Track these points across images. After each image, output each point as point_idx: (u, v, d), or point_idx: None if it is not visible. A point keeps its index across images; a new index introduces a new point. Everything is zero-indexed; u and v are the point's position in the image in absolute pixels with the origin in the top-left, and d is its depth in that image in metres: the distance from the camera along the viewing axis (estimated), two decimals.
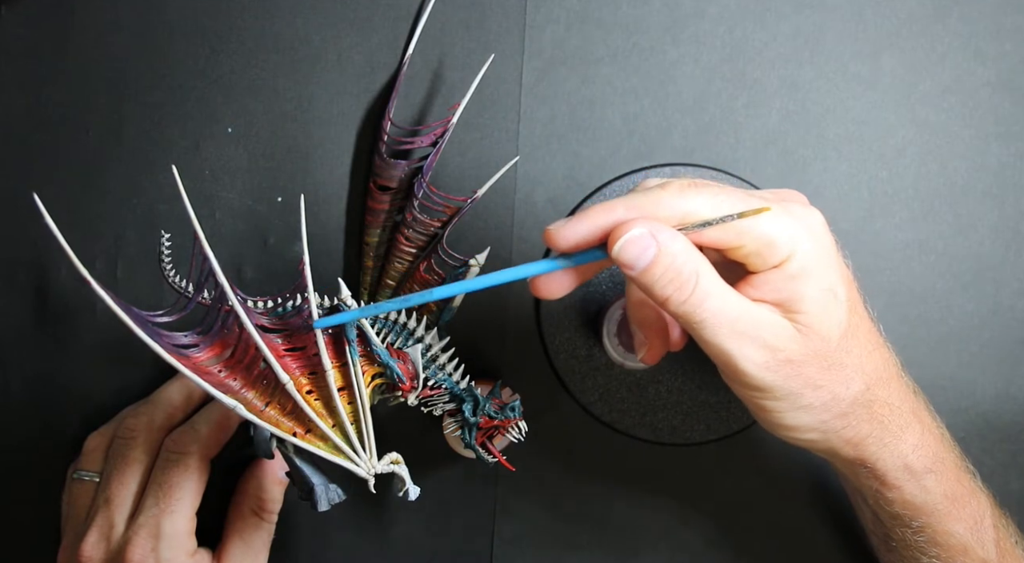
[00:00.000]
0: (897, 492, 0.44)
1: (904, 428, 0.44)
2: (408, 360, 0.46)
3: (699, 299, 0.39)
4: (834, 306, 0.41)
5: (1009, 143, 0.54)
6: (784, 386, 0.41)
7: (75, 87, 0.53)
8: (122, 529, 0.48)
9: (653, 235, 0.39)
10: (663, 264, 0.39)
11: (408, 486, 0.44)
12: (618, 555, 0.55)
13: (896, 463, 0.44)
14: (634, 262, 0.39)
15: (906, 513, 0.45)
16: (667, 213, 0.39)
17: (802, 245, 0.40)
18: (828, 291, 0.41)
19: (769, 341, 0.40)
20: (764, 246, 0.40)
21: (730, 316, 0.39)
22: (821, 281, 0.41)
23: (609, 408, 0.54)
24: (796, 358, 0.40)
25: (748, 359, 0.40)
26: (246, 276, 0.53)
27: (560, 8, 0.54)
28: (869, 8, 0.54)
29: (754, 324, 0.40)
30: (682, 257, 0.39)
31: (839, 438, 0.43)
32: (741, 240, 0.40)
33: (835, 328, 0.41)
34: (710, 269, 0.40)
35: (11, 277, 0.53)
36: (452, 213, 0.50)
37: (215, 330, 0.43)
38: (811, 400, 0.41)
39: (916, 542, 0.45)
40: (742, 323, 0.40)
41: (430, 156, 0.50)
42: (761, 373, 0.40)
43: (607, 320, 0.51)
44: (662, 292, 0.39)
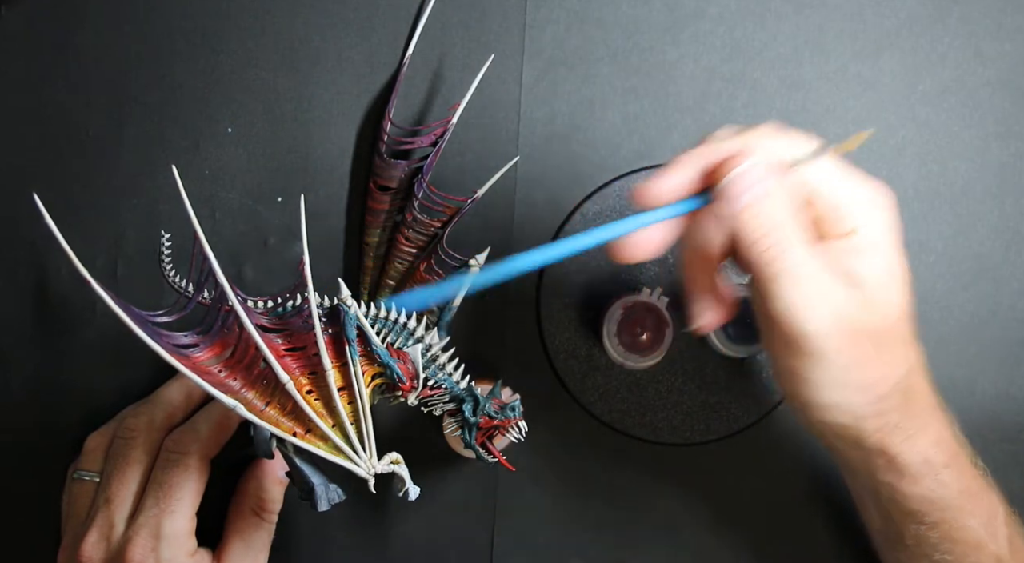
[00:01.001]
0: (915, 486, 0.44)
1: (928, 422, 0.44)
2: (408, 360, 0.46)
3: (782, 249, 0.39)
4: (896, 286, 0.41)
5: (1009, 143, 0.54)
6: (838, 356, 0.40)
7: (75, 87, 0.53)
8: (122, 529, 0.48)
9: (761, 173, 0.39)
10: (763, 205, 0.39)
11: (408, 486, 0.44)
12: (618, 555, 0.55)
13: (917, 457, 0.43)
14: (738, 198, 0.39)
15: (922, 509, 0.44)
16: (763, 150, 0.39)
17: (874, 219, 0.40)
18: (891, 272, 0.41)
19: (836, 307, 0.40)
20: (837, 212, 0.40)
21: (805, 273, 0.39)
22: (886, 259, 0.41)
23: (609, 408, 0.54)
24: (857, 329, 0.40)
25: (812, 321, 0.39)
26: (246, 276, 0.53)
27: (560, 8, 0.54)
28: (869, 8, 0.54)
29: (828, 285, 0.40)
30: (779, 202, 0.39)
31: (869, 425, 0.42)
32: (815, 199, 0.40)
33: (894, 308, 0.41)
34: (799, 222, 0.40)
35: (11, 277, 0.53)
36: (452, 213, 0.50)
37: (215, 330, 0.43)
38: (857, 378, 0.41)
39: (930, 539, 0.45)
40: (815, 283, 0.39)
41: (430, 156, 0.50)
42: (821, 338, 0.40)
43: (607, 320, 0.51)
44: (753, 233, 0.39)
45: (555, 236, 0.54)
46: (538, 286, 0.54)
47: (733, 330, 0.51)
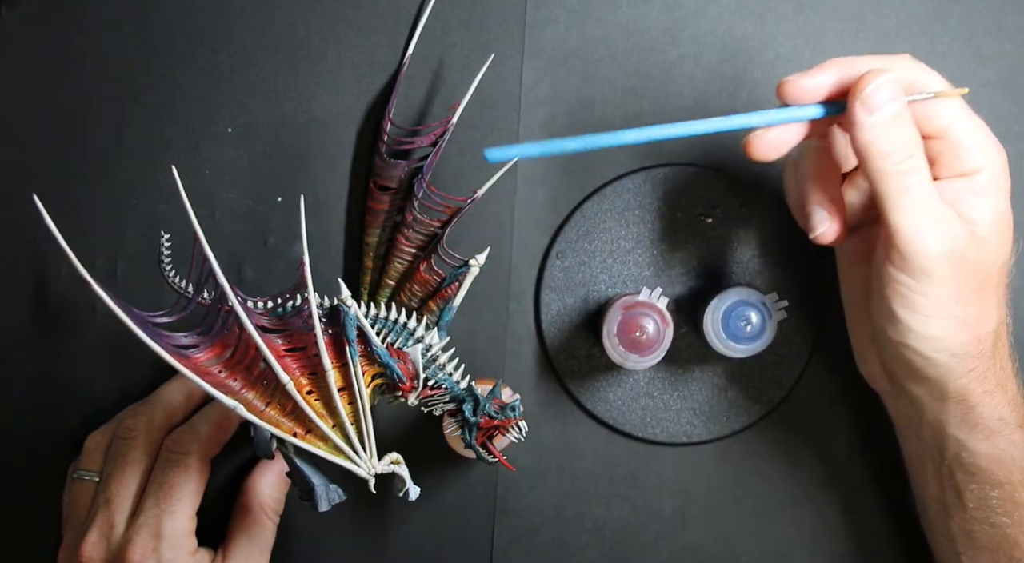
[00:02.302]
0: (986, 443, 0.44)
1: (1007, 380, 0.45)
2: (408, 360, 0.46)
3: (913, 165, 0.41)
4: (1006, 231, 0.43)
5: (1009, 143, 0.54)
6: (947, 283, 0.41)
7: (75, 87, 0.53)
8: (122, 529, 0.48)
9: (900, 90, 0.41)
10: (899, 121, 0.41)
11: (408, 486, 0.44)
12: (618, 555, 0.55)
13: (994, 413, 0.44)
14: (879, 106, 0.40)
15: (989, 467, 0.45)
16: (903, 77, 0.41)
17: (993, 162, 0.42)
18: (1003, 215, 0.43)
19: (952, 235, 0.41)
20: (961, 150, 0.42)
21: (929, 195, 0.41)
22: (999, 203, 0.43)
23: (609, 408, 0.54)
24: (967, 262, 0.41)
25: (931, 240, 0.41)
26: (246, 276, 0.53)
27: (560, 8, 0.54)
28: (869, 8, 0.54)
29: (944, 215, 0.41)
30: (912, 125, 0.41)
31: (959, 367, 0.43)
32: (945, 131, 0.42)
33: (1000, 254, 0.43)
34: (924, 149, 0.42)
35: (11, 277, 0.53)
36: (452, 213, 0.50)
37: (215, 330, 0.43)
38: (961, 312, 0.42)
39: (991, 500, 0.45)
40: (936, 207, 0.41)
41: (430, 156, 0.50)
42: (935, 259, 0.41)
43: (607, 320, 0.51)
44: (887, 146, 0.41)
45: (553, 238, 0.54)
46: (538, 286, 0.54)
47: (733, 330, 0.51)
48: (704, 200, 0.54)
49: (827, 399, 0.55)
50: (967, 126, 0.43)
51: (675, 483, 0.55)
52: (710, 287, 0.53)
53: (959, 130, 0.42)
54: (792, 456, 0.55)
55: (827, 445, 0.55)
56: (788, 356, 0.54)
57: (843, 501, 0.55)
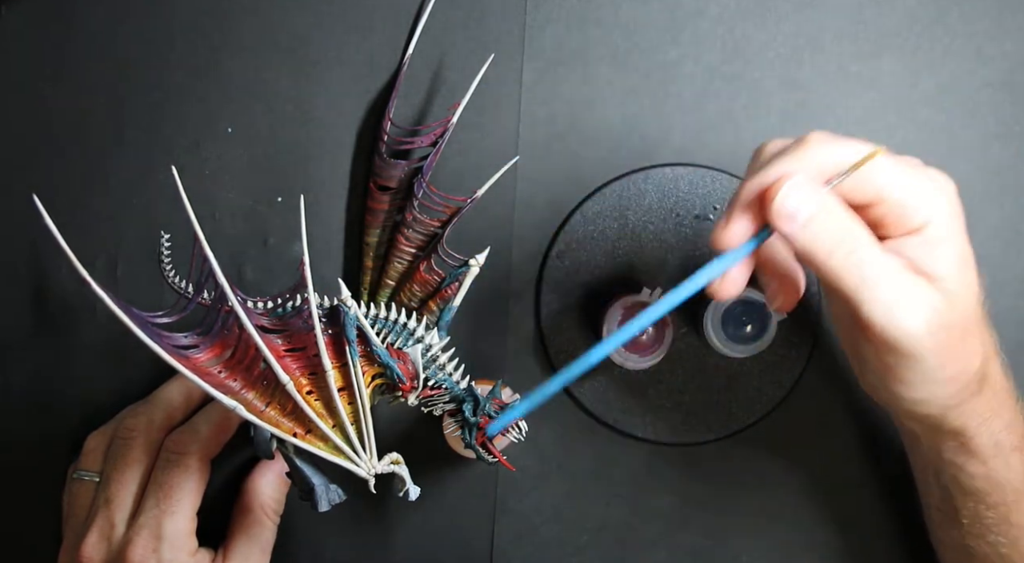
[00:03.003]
0: (983, 467, 0.44)
1: (1002, 405, 0.44)
2: (408, 360, 0.46)
3: (860, 256, 0.38)
4: (971, 274, 0.41)
5: (1009, 143, 0.54)
6: (932, 354, 0.40)
7: (75, 87, 0.53)
8: (123, 529, 0.48)
9: (808, 190, 0.38)
10: (823, 220, 0.38)
11: (408, 486, 0.44)
12: (618, 555, 0.55)
13: (990, 439, 0.44)
14: (796, 213, 0.38)
15: (985, 488, 0.45)
16: (814, 163, 0.39)
17: (941, 210, 0.40)
18: (964, 260, 0.40)
19: (926, 307, 0.39)
20: (903, 207, 0.39)
21: (889, 275, 0.39)
22: (958, 249, 0.40)
23: (609, 408, 0.54)
24: (946, 324, 0.39)
25: (907, 321, 0.39)
26: (246, 276, 0.53)
27: (560, 8, 0.54)
28: (869, 8, 0.54)
29: (915, 284, 0.39)
30: (841, 212, 0.39)
31: (953, 412, 0.43)
32: (880, 196, 0.39)
33: (973, 296, 0.41)
34: (867, 229, 0.39)
35: (11, 277, 0.53)
36: (452, 213, 0.50)
37: (215, 331, 0.43)
38: (949, 372, 0.41)
39: (987, 519, 0.45)
40: (903, 282, 0.39)
41: (430, 156, 0.50)
42: (917, 337, 0.39)
43: (607, 320, 0.51)
44: (823, 246, 0.38)
45: (553, 238, 0.54)
46: (538, 286, 0.54)
47: (733, 330, 0.51)
48: (704, 200, 0.54)
49: (827, 399, 0.55)
50: (901, 184, 0.40)
51: (675, 483, 0.55)
52: None
53: (894, 191, 0.39)
54: (792, 456, 0.55)
55: (827, 445, 0.55)
56: (788, 356, 0.54)
57: (843, 501, 0.55)
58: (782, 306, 0.45)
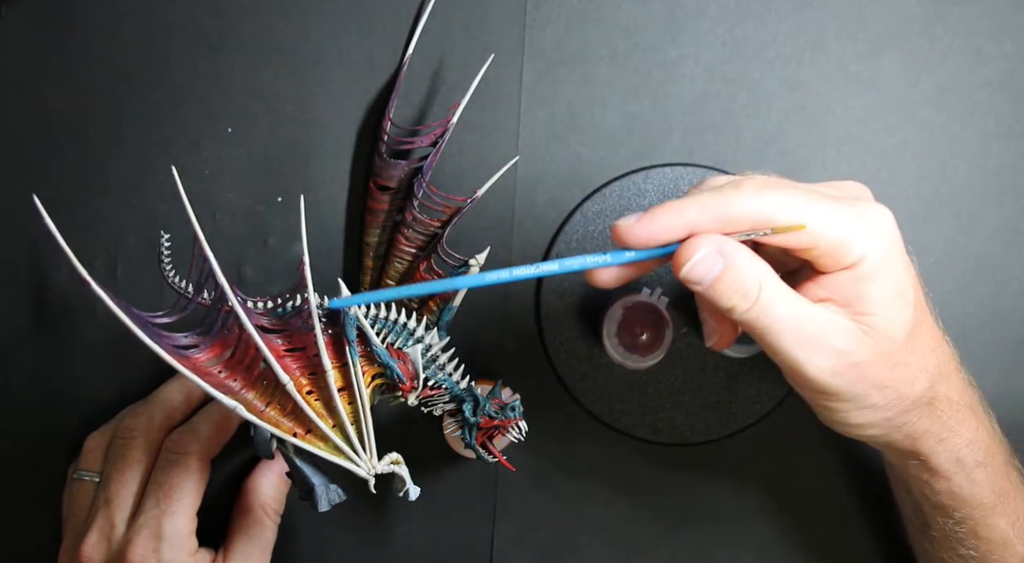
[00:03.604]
0: (946, 483, 0.45)
1: (961, 423, 0.44)
2: (408, 360, 0.46)
3: (763, 307, 0.40)
4: (901, 307, 0.41)
5: (1009, 143, 0.54)
6: (850, 389, 0.41)
7: (75, 87, 0.53)
8: (123, 529, 0.48)
9: (719, 252, 0.39)
10: (728, 278, 0.39)
11: (408, 486, 0.44)
12: (618, 555, 0.55)
13: (950, 457, 0.44)
14: (702, 279, 0.40)
15: (951, 504, 0.45)
16: (740, 215, 0.39)
17: (874, 247, 0.40)
18: (896, 292, 0.41)
19: (835, 345, 0.40)
20: (837, 248, 0.40)
21: (794, 322, 0.40)
22: (890, 282, 0.41)
23: (609, 408, 0.54)
24: (862, 360, 0.40)
25: (814, 364, 0.40)
26: (246, 276, 0.53)
27: (560, 8, 0.54)
28: (869, 8, 0.54)
29: (820, 329, 0.40)
30: (746, 268, 0.40)
31: (899, 433, 0.43)
32: (814, 242, 0.40)
33: (901, 329, 0.41)
34: (774, 277, 0.40)
35: (11, 277, 0.53)
36: (452, 213, 0.50)
37: (215, 331, 0.43)
38: (876, 400, 0.42)
39: (956, 533, 0.46)
40: (807, 328, 0.40)
41: (430, 156, 0.50)
42: (827, 378, 0.40)
43: (607, 320, 0.51)
44: (727, 302, 0.40)
45: (553, 238, 0.54)
46: (538, 286, 0.54)
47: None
48: None
49: None
50: (832, 227, 0.40)
51: (675, 483, 0.55)
52: None
53: (826, 234, 0.40)
54: (792, 456, 0.55)
55: (826, 445, 0.55)
56: None
57: (842, 501, 0.55)
58: (716, 344, 0.46)
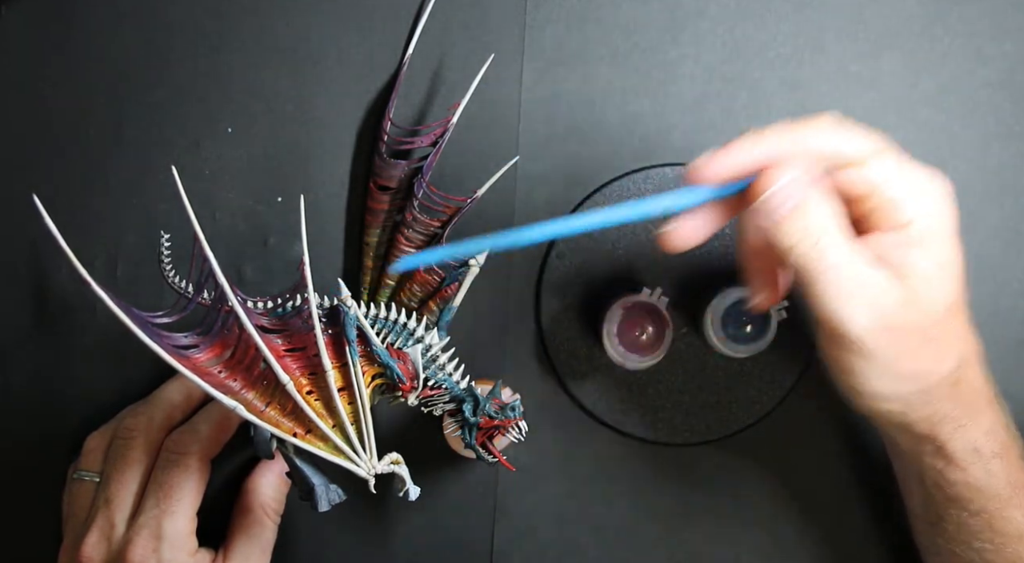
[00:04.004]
0: (962, 474, 0.44)
1: (980, 412, 0.44)
2: (408, 360, 0.46)
3: (822, 250, 0.40)
4: (944, 281, 0.41)
5: (1009, 143, 0.54)
6: (882, 351, 0.41)
7: (75, 87, 0.53)
8: (123, 529, 0.48)
9: (797, 185, 0.39)
10: (799, 213, 0.40)
11: (408, 486, 0.44)
12: (618, 555, 0.55)
13: (967, 445, 0.44)
14: (777, 208, 0.40)
15: (966, 495, 0.45)
16: (817, 148, 0.40)
17: (928, 212, 0.40)
18: (941, 265, 0.41)
19: (877, 303, 0.40)
20: (892, 204, 0.40)
21: (846, 273, 0.40)
22: (939, 253, 0.41)
23: (609, 408, 0.54)
24: (901, 325, 0.40)
25: (853, 318, 0.40)
26: (246, 276, 0.53)
27: (560, 8, 0.54)
28: (869, 8, 0.54)
29: (866, 284, 0.40)
30: (818, 206, 0.40)
31: (918, 414, 0.43)
32: (872, 193, 0.40)
33: (942, 302, 0.41)
34: (838, 223, 0.40)
35: (11, 277, 0.53)
36: (452, 213, 0.50)
37: (215, 331, 0.43)
38: (903, 369, 0.41)
39: (971, 526, 0.45)
40: (855, 282, 0.40)
41: (430, 156, 0.50)
42: (863, 334, 0.40)
43: (607, 320, 0.51)
44: (791, 240, 0.40)
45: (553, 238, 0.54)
46: (538, 286, 0.54)
47: (733, 330, 0.51)
48: None
49: (827, 399, 0.55)
50: (894, 178, 0.41)
51: (675, 483, 0.55)
52: (710, 287, 0.53)
53: (886, 185, 0.41)
54: (792, 456, 0.55)
55: (827, 445, 0.55)
56: (788, 356, 0.54)
57: (843, 501, 0.55)
58: (761, 304, 0.46)
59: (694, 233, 0.42)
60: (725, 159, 0.40)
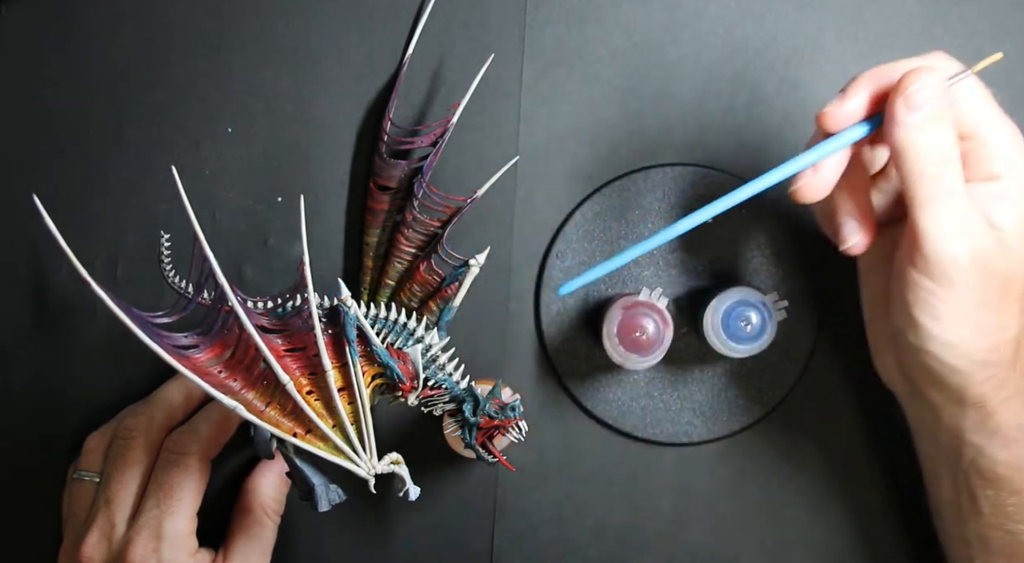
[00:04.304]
0: (1006, 451, 0.44)
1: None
2: (408, 360, 0.46)
3: (945, 171, 0.40)
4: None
5: None
6: (970, 291, 0.41)
7: (75, 87, 0.53)
8: (123, 530, 0.48)
9: (939, 90, 0.40)
10: (942, 120, 0.40)
11: (408, 486, 0.44)
12: (618, 555, 0.55)
13: (1013, 420, 0.43)
14: (921, 106, 0.40)
15: (1007, 475, 0.44)
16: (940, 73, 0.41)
17: (1020, 168, 0.41)
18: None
19: (979, 242, 0.41)
20: (986, 153, 0.41)
21: (959, 202, 0.41)
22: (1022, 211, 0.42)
23: (609, 408, 0.54)
24: (992, 268, 0.41)
25: (957, 248, 0.40)
26: (246, 276, 0.53)
27: (560, 8, 0.54)
28: (869, 8, 0.54)
29: (972, 221, 0.41)
30: (948, 125, 0.41)
31: (978, 374, 0.43)
32: (976, 133, 0.41)
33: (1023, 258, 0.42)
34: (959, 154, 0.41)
35: (11, 277, 0.53)
36: (452, 213, 0.50)
37: (215, 331, 0.43)
38: (982, 318, 0.42)
39: (1006, 507, 0.45)
40: (965, 214, 0.41)
41: (430, 156, 0.50)
42: (960, 266, 0.41)
43: (607, 320, 0.51)
44: (925, 147, 0.40)
45: (553, 238, 0.54)
46: (538, 286, 0.54)
47: (733, 330, 0.51)
48: (704, 200, 0.54)
49: (827, 399, 0.55)
50: (994, 129, 0.42)
51: (675, 483, 0.55)
52: (710, 287, 0.53)
53: (988, 131, 0.42)
54: (792, 456, 0.55)
55: (827, 445, 0.55)
56: (788, 356, 0.54)
57: (843, 501, 0.55)
58: (857, 246, 0.45)
59: (825, 183, 0.43)
60: (854, 98, 0.41)
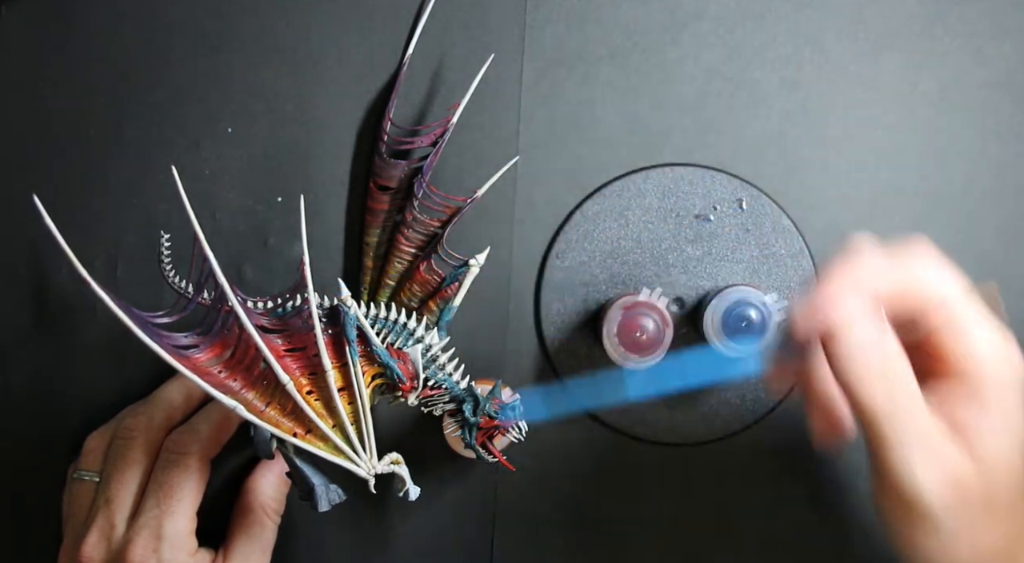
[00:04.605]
0: None
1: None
2: (408, 360, 0.46)
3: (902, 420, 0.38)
4: (1014, 451, 0.39)
5: (1009, 143, 0.54)
6: (951, 523, 0.38)
7: (75, 87, 0.53)
8: (123, 530, 0.48)
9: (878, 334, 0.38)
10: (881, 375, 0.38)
11: (408, 486, 0.44)
12: (617, 555, 0.55)
13: None
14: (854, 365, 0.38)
15: None
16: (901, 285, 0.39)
17: (1000, 374, 0.39)
18: (1012, 432, 0.39)
19: (950, 471, 0.38)
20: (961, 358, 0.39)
21: (921, 439, 0.38)
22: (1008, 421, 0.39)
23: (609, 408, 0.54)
24: (969, 493, 0.38)
25: (927, 486, 0.38)
26: (246, 276, 0.53)
27: (560, 8, 0.54)
28: (869, 8, 0.54)
29: (939, 449, 0.38)
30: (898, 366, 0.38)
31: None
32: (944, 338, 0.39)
33: (1009, 475, 0.39)
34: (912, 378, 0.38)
35: (11, 277, 0.53)
36: (452, 213, 0.50)
37: (215, 331, 0.43)
38: (965, 544, 0.39)
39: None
40: (930, 447, 0.38)
41: (430, 156, 0.50)
42: (935, 505, 0.38)
43: (607, 320, 0.51)
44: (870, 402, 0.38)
45: (553, 238, 0.54)
46: (538, 286, 0.54)
47: (733, 330, 0.51)
48: (704, 200, 0.54)
49: None
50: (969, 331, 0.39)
51: (675, 483, 0.55)
52: (710, 287, 0.53)
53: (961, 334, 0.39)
54: (792, 456, 0.55)
55: None
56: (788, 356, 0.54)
57: (843, 501, 0.55)
58: (830, 444, 0.45)
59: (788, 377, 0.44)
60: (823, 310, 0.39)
